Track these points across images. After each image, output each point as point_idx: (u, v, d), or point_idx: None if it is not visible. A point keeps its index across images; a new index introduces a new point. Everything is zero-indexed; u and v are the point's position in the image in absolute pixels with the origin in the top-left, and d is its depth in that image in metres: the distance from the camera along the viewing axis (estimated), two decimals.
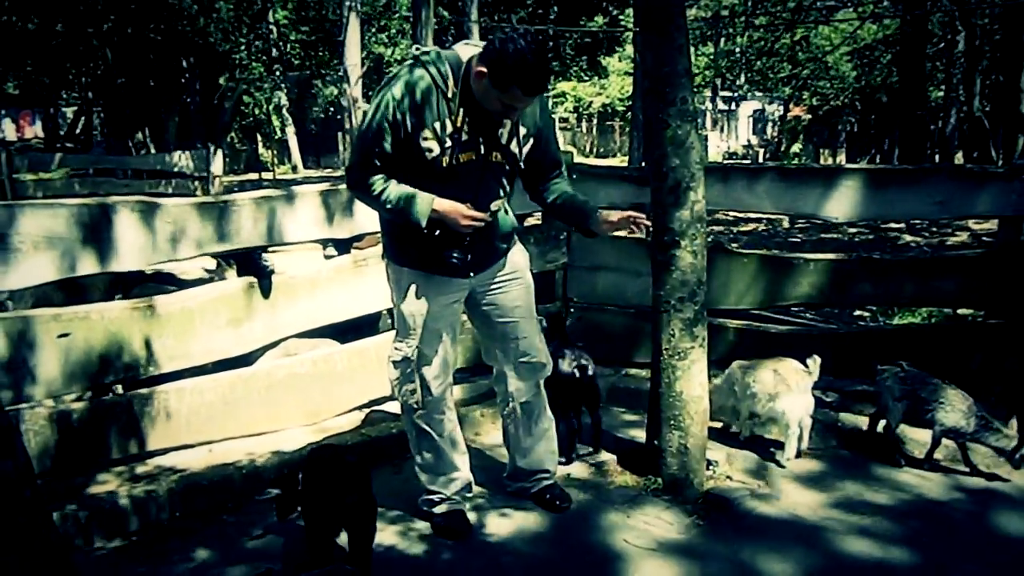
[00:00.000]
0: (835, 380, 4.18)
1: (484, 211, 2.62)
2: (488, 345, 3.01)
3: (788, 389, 3.35)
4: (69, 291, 3.90)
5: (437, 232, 2.59)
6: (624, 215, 2.72)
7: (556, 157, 2.88)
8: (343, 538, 2.54)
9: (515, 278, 2.91)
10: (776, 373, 3.39)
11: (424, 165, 2.57)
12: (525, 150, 2.71)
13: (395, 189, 2.58)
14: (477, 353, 3.88)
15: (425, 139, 2.54)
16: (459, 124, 2.55)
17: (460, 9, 18.39)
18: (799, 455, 3.44)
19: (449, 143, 2.56)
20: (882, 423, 3.46)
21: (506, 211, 2.85)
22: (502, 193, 2.75)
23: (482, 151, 2.62)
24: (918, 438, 3.45)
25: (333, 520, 2.53)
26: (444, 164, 2.57)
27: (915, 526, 2.91)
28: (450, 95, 2.53)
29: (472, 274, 2.77)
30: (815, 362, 3.44)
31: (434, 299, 2.76)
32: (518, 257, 2.94)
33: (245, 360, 3.69)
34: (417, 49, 2.62)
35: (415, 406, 2.85)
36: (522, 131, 2.68)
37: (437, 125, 2.54)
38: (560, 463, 3.27)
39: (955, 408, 3.21)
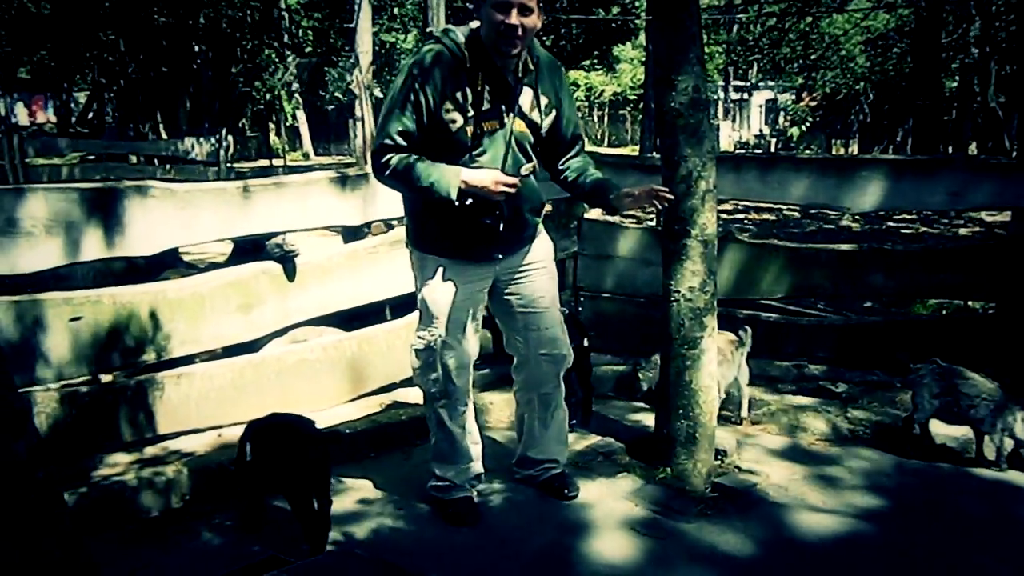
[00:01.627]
0: (846, 371, 4.17)
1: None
2: (509, 335, 2.99)
3: (724, 359, 3.48)
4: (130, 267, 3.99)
5: (468, 202, 2.57)
6: (646, 189, 2.71)
7: (576, 133, 2.88)
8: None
9: (539, 267, 2.90)
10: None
11: (449, 138, 2.58)
12: (547, 121, 2.73)
13: (421, 167, 2.55)
14: (488, 341, 3.89)
15: (448, 111, 2.55)
16: (479, 91, 2.57)
17: None
18: (739, 421, 3.69)
19: (472, 112, 2.58)
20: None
21: (535, 180, 2.84)
22: (528, 162, 2.75)
23: (504, 119, 2.64)
24: (937, 431, 3.44)
25: (296, 480, 2.60)
26: (469, 134, 2.59)
27: (927, 518, 2.89)
28: (468, 64, 2.56)
29: (500, 256, 2.77)
30: (747, 333, 3.67)
31: (459, 287, 2.75)
32: (543, 245, 2.94)
33: (251, 347, 3.70)
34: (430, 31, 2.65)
35: (437, 395, 2.85)
36: (543, 100, 2.70)
37: (458, 95, 2.56)
38: None
39: (997, 403, 3.18)
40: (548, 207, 4.53)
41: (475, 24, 2.61)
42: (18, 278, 3.11)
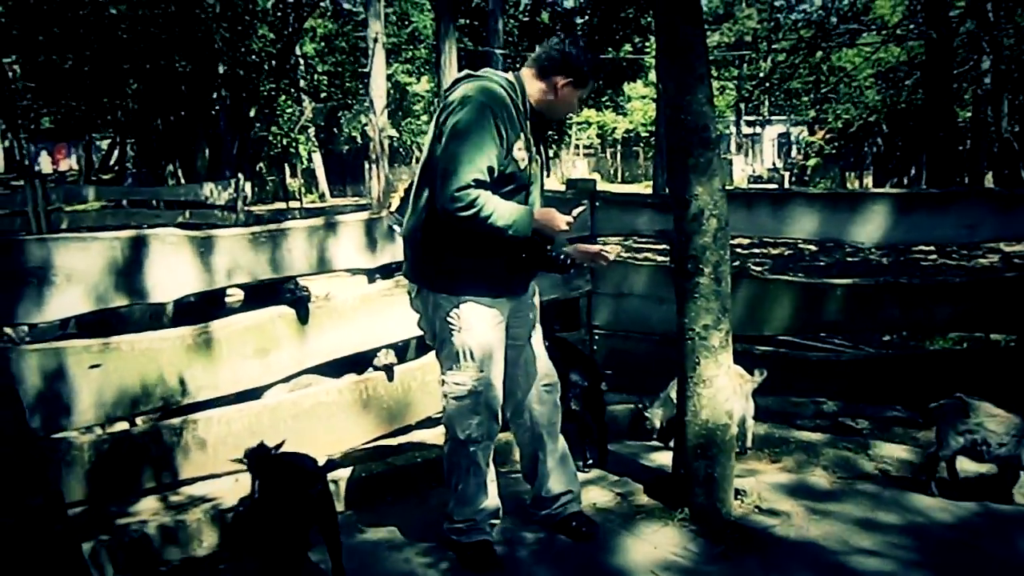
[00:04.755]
0: (866, 407, 4.12)
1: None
2: (511, 372, 2.97)
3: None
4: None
5: (537, 239, 2.75)
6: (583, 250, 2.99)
7: None
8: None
9: (533, 301, 3.03)
10: None
11: (516, 174, 2.71)
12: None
13: (503, 206, 2.63)
14: None
15: (519, 149, 2.70)
16: (528, 133, 2.75)
17: (483, 40, 18.60)
18: (744, 451, 3.65)
19: (529, 152, 2.76)
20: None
21: None
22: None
23: (535, 158, 2.82)
24: (960, 467, 3.37)
25: (300, 516, 2.60)
26: (528, 172, 2.76)
27: (956, 560, 2.83)
28: (522, 108, 2.73)
29: (525, 290, 2.93)
30: (761, 373, 3.73)
31: (497, 326, 2.82)
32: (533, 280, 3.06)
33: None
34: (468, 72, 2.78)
35: (479, 438, 2.83)
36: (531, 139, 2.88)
37: (522, 136, 2.72)
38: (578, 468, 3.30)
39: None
40: None
41: (508, 74, 2.78)
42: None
